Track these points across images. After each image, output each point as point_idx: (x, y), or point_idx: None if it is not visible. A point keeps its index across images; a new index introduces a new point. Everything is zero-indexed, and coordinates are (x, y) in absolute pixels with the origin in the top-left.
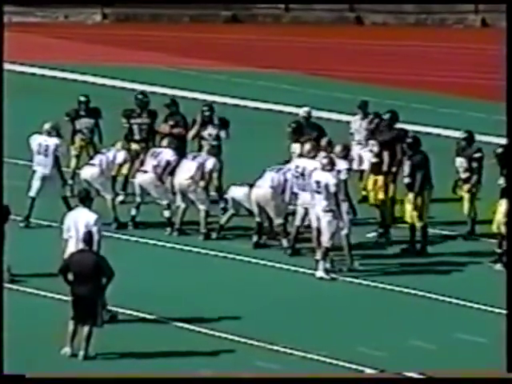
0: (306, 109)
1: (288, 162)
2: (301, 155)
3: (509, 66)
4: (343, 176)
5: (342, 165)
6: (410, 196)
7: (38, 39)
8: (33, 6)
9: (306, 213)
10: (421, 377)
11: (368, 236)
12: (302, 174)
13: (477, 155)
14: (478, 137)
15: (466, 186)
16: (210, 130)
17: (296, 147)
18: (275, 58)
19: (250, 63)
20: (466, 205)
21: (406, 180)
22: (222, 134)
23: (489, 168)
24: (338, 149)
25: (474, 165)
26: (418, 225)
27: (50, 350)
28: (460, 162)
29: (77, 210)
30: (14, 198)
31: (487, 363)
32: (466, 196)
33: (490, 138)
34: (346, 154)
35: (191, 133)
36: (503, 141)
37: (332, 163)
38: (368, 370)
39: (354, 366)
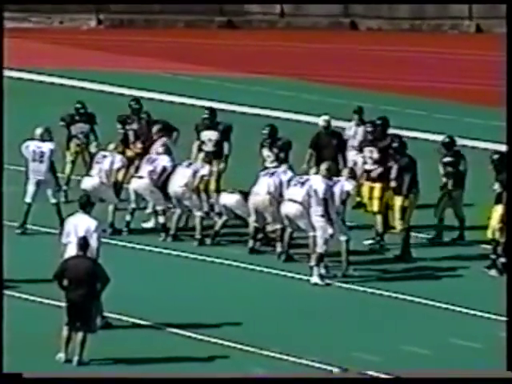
0: (325, 117)
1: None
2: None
3: (509, 68)
4: (347, 188)
5: (349, 184)
6: (397, 200)
7: (33, 45)
8: (31, 11)
9: (290, 220)
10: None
11: (365, 243)
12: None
13: (446, 160)
14: (473, 142)
15: (444, 192)
16: (211, 135)
17: (269, 153)
18: (270, 63)
19: (244, 69)
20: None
21: (393, 184)
22: (225, 144)
23: (485, 174)
24: (345, 172)
25: (449, 169)
26: (400, 228)
27: (44, 357)
28: (439, 167)
29: (77, 215)
30: (7, 204)
31: (483, 368)
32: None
33: (486, 144)
34: (353, 176)
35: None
36: (498, 147)
37: (330, 170)
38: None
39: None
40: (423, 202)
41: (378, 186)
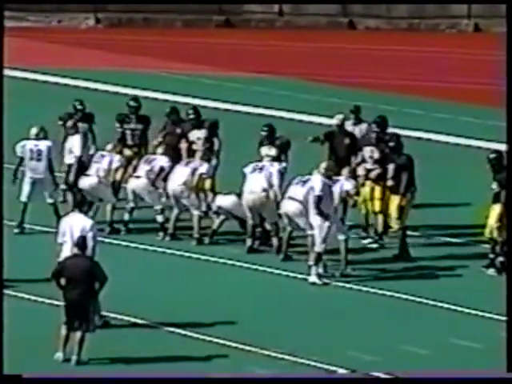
0: (339, 116)
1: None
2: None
3: (509, 68)
4: (347, 187)
5: (349, 184)
6: (394, 199)
7: (32, 44)
8: (29, 10)
9: (290, 219)
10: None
11: (363, 242)
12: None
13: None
14: (471, 142)
15: None
16: (199, 134)
17: (268, 151)
18: (268, 62)
19: (242, 68)
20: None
21: (390, 183)
22: (216, 140)
23: (482, 173)
24: (345, 171)
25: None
26: (396, 227)
27: (42, 356)
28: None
29: (72, 215)
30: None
31: (482, 368)
32: None
33: (483, 143)
34: (353, 175)
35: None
36: (496, 146)
37: (328, 169)
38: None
39: (346, 372)
40: (421, 202)
41: (378, 186)
